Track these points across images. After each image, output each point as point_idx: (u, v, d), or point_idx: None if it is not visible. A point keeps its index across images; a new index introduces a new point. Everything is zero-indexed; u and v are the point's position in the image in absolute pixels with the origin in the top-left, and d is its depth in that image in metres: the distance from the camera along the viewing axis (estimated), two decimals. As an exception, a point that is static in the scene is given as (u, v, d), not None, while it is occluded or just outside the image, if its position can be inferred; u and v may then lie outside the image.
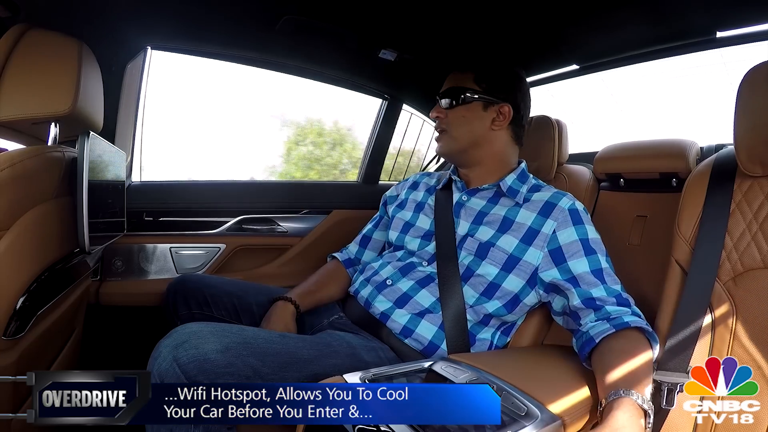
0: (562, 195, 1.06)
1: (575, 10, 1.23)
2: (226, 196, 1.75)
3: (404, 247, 1.14)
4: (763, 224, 0.87)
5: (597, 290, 0.94)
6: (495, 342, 1.03)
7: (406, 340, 1.01)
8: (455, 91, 1.12)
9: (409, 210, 1.20)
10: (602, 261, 0.98)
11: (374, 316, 1.05)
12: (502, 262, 1.01)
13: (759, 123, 0.86)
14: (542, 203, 1.04)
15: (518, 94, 1.14)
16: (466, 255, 1.04)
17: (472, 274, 1.02)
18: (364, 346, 0.97)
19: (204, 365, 0.75)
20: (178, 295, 1.14)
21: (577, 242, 0.99)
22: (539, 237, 1.01)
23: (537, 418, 0.66)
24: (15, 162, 0.82)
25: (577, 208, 1.03)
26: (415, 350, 1.00)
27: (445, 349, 0.99)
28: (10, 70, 0.87)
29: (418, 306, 1.02)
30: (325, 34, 1.42)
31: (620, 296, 0.94)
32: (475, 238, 1.05)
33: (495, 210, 1.08)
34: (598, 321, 0.90)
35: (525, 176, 1.13)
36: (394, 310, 1.03)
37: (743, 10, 1.15)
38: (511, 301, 1.01)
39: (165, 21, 1.33)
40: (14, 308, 0.83)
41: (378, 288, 1.08)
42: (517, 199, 1.07)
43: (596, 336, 0.87)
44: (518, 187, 1.09)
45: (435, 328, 1.00)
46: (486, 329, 1.03)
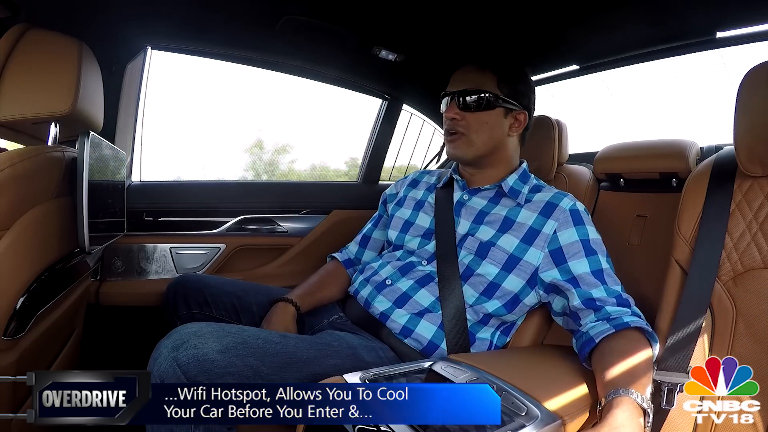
0: (564, 195, 1.05)
1: (576, 11, 1.23)
2: (226, 196, 1.75)
3: (404, 246, 1.14)
4: (763, 224, 0.87)
5: (597, 291, 0.94)
6: (495, 342, 1.03)
7: (405, 339, 1.01)
8: (476, 93, 1.06)
9: (408, 208, 1.20)
10: (603, 262, 0.98)
11: (374, 316, 1.05)
12: (502, 262, 1.01)
13: (759, 123, 0.86)
14: (543, 204, 1.04)
15: (533, 101, 1.13)
16: (467, 254, 1.04)
17: (472, 274, 1.02)
18: (364, 346, 0.97)
19: (204, 365, 0.75)
20: (178, 295, 1.14)
21: (578, 243, 0.98)
22: (540, 237, 1.00)
23: (537, 417, 0.66)
24: (15, 162, 0.82)
25: (578, 209, 1.03)
26: (415, 350, 1.00)
27: (445, 348, 0.99)
28: (10, 70, 0.87)
29: (418, 305, 1.02)
30: (325, 34, 1.42)
31: (620, 297, 0.94)
32: (475, 237, 1.05)
33: (496, 210, 1.07)
34: (597, 321, 0.90)
35: (527, 176, 1.12)
36: (393, 310, 1.03)
37: (743, 11, 1.15)
38: (510, 301, 1.01)
39: (165, 21, 1.33)
40: (14, 308, 0.82)
41: (377, 288, 1.08)
42: (518, 200, 1.06)
43: (596, 336, 0.87)
44: (520, 187, 1.09)
45: (434, 327, 1.00)
46: (486, 329, 1.03)
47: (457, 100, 1.07)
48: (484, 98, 1.06)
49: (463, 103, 1.07)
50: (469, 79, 1.08)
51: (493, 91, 1.07)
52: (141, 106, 1.53)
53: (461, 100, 1.07)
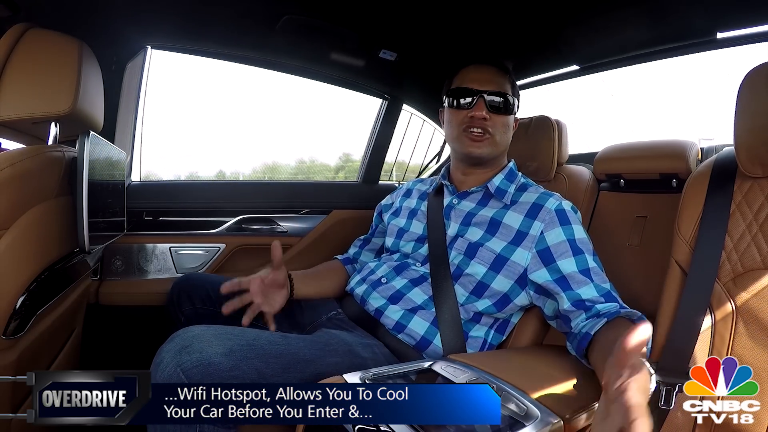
0: (549, 195, 1.06)
1: (576, 11, 1.24)
2: (226, 195, 1.75)
3: (399, 250, 1.17)
4: (763, 225, 0.87)
5: (586, 289, 0.95)
6: (489, 340, 1.05)
7: (399, 335, 1.02)
8: (505, 96, 1.10)
9: (403, 217, 1.22)
10: (589, 260, 0.98)
11: (369, 313, 1.07)
12: (490, 262, 1.02)
13: (759, 124, 0.86)
14: (529, 205, 1.05)
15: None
16: (456, 255, 1.05)
17: (461, 273, 1.03)
18: (359, 343, 0.98)
19: (208, 369, 0.74)
20: (183, 292, 1.15)
21: (565, 242, 0.99)
22: (527, 239, 1.02)
23: (537, 418, 0.66)
24: (15, 161, 0.82)
25: (564, 209, 1.04)
26: (409, 345, 1.01)
27: (438, 344, 1.01)
28: (10, 69, 0.87)
29: (411, 302, 1.04)
30: (325, 34, 1.42)
31: (609, 294, 0.95)
32: (464, 238, 1.06)
33: (483, 212, 1.09)
34: (590, 320, 0.91)
35: (513, 175, 1.14)
36: (387, 306, 1.05)
37: (743, 11, 1.15)
38: (500, 300, 1.02)
39: (165, 20, 1.34)
40: (14, 307, 0.83)
41: (373, 285, 1.10)
42: (504, 200, 1.08)
43: (591, 330, 0.87)
44: (506, 186, 1.11)
45: (427, 324, 1.02)
46: (478, 327, 1.04)
47: (485, 100, 1.09)
48: (510, 102, 1.11)
49: (493, 103, 1.09)
50: (496, 81, 1.11)
51: (511, 96, 1.11)
52: (141, 105, 1.53)
53: (492, 100, 1.09)
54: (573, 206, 1.06)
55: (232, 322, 1.10)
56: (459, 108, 1.10)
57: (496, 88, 1.09)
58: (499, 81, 1.11)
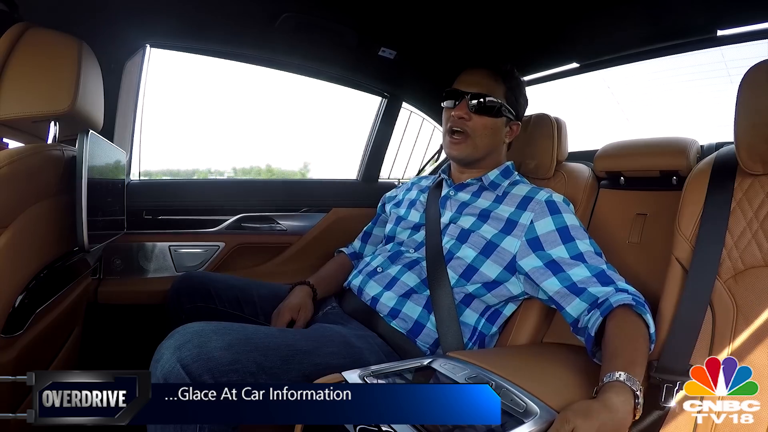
0: (540, 189, 1.10)
1: (576, 9, 1.23)
2: (225, 194, 1.75)
3: (395, 237, 1.20)
4: (764, 222, 0.87)
5: (577, 270, 0.95)
6: (480, 328, 1.06)
7: (393, 322, 1.04)
8: (489, 98, 1.12)
9: (403, 207, 1.26)
10: (581, 245, 0.99)
11: (366, 304, 1.09)
12: (480, 247, 1.05)
13: (759, 121, 0.86)
14: (520, 198, 1.09)
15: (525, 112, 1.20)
16: (449, 239, 1.08)
17: (452, 257, 1.06)
18: (354, 334, 1.00)
19: (209, 363, 0.75)
20: (183, 290, 1.17)
21: (554, 232, 1.01)
22: (517, 227, 1.04)
23: (536, 414, 0.67)
24: (14, 160, 0.82)
25: (555, 200, 1.06)
26: (402, 332, 1.03)
27: (431, 328, 1.02)
28: (9, 68, 0.87)
29: (404, 286, 1.06)
30: (324, 32, 1.42)
31: (603, 273, 0.94)
32: (457, 224, 1.10)
33: (477, 203, 1.13)
34: (590, 314, 0.90)
35: (509, 173, 1.18)
36: (382, 294, 1.07)
37: (743, 9, 1.15)
38: (490, 284, 1.04)
39: (164, 19, 1.33)
40: (13, 306, 0.83)
41: (369, 275, 1.13)
42: (497, 192, 1.12)
43: (591, 329, 0.87)
44: (500, 181, 1.15)
45: (419, 308, 1.04)
46: (469, 312, 1.06)
47: (468, 100, 1.11)
48: (495, 105, 1.12)
49: (475, 105, 1.11)
50: (483, 83, 1.13)
51: (502, 100, 1.13)
52: (140, 104, 1.53)
53: (474, 102, 1.11)
54: (565, 198, 1.09)
55: (233, 319, 1.11)
56: (447, 108, 1.15)
57: (482, 90, 1.12)
58: (488, 84, 1.13)
